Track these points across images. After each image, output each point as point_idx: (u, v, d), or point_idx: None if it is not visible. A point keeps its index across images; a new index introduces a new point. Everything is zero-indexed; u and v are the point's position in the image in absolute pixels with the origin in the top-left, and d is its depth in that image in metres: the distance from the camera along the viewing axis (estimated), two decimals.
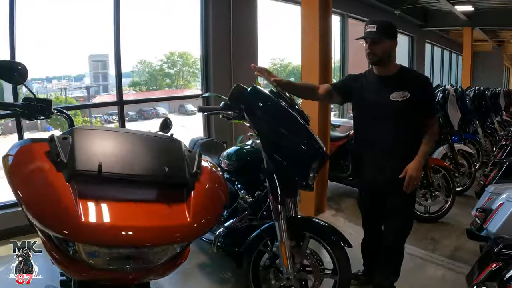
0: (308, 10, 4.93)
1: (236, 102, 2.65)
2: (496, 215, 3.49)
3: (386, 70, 2.83)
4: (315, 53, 4.87)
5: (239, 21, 6.35)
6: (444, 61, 19.18)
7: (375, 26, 2.69)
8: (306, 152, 2.59)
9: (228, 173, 3.17)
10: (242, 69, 6.30)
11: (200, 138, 4.11)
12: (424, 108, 2.80)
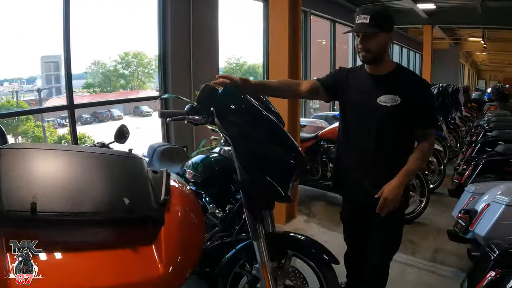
0: (276, 7, 4.75)
1: (206, 104, 2.31)
2: (483, 217, 3.35)
3: (379, 69, 2.42)
4: (284, 51, 4.67)
5: (199, 18, 6.06)
6: (403, 59, 19.57)
7: (368, 17, 2.25)
8: (286, 161, 2.31)
9: (194, 185, 2.77)
10: (202, 68, 6.08)
11: (160, 144, 3.70)
12: (419, 117, 2.38)
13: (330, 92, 2.60)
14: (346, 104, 2.56)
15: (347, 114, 2.54)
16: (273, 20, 4.83)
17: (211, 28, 6.37)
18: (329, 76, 2.63)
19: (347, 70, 2.60)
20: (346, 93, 2.52)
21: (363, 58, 2.37)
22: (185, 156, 3.51)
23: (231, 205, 2.65)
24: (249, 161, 2.23)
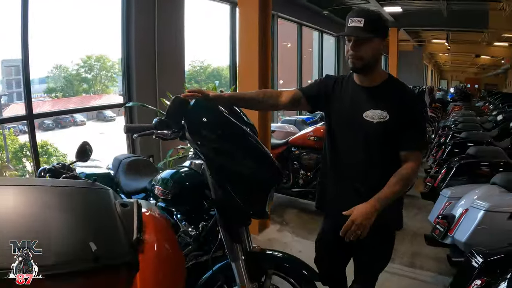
0: (246, 10, 4.66)
1: (176, 118, 2.17)
2: (462, 222, 3.34)
3: (369, 80, 2.19)
4: (254, 55, 4.59)
5: (164, 20, 5.85)
6: None
7: (362, 20, 2.03)
8: (264, 176, 2.19)
9: (164, 202, 2.62)
10: (168, 73, 5.89)
11: (125, 156, 3.48)
12: (406, 137, 2.12)
13: (313, 102, 2.37)
14: (331, 116, 2.32)
15: (332, 127, 2.31)
16: (243, 24, 4.74)
17: (177, 29, 6.17)
18: (313, 85, 2.41)
19: (334, 79, 2.35)
20: (331, 104, 2.29)
21: (353, 65, 2.12)
22: (152, 168, 3.35)
23: (205, 222, 2.50)
24: (224, 178, 2.11)
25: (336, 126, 2.27)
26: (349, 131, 2.20)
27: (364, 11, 2.10)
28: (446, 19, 12.37)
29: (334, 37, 13.60)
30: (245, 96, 2.38)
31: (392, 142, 2.13)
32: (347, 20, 2.10)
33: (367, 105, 2.13)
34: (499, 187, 3.66)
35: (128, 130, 2.42)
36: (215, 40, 12.30)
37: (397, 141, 2.12)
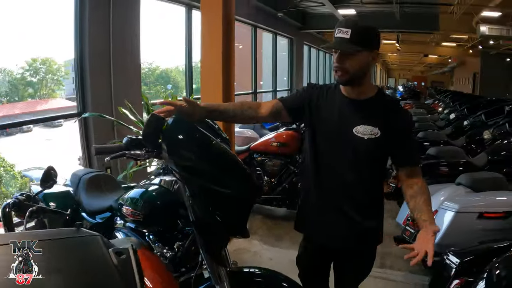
0: (209, 15, 4.63)
1: (154, 139, 2.05)
2: None
3: (358, 93, 2.10)
4: (218, 60, 4.57)
5: (120, 20, 5.53)
6: (319, 62, 20.28)
7: (348, 31, 1.94)
8: (244, 194, 2.11)
9: (135, 223, 2.45)
10: (124, 76, 5.62)
11: (85, 171, 3.26)
12: (404, 153, 2.11)
13: (294, 114, 2.25)
14: (315, 129, 2.20)
15: (317, 141, 2.19)
16: (205, 28, 4.70)
17: (133, 30, 5.87)
18: (294, 96, 2.29)
19: (318, 88, 2.23)
20: (315, 116, 2.18)
21: (338, 78, 2.04)
22: (114, 184, 3.18)
23: (179, 241, 2.37)
24: (204, 198, 2.02)
25: (322, 140, 2.16)
26: (337, 146, 2.11)
27: (352, 21, 1.99)
28: (398, 22, 12.87)
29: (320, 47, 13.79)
30: (221, 108, 2.24)
31: (380, 159, 2.13)
32: (335, 29, 2.01)
33: (357, 120, 2.05)
34: (464, 187, 3.84)
35: (98, 153, 2.24)
36: (163, 41, 12.13)
37: (386, 156, 2.13)
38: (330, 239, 2.20)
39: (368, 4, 12.12)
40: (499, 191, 3.69)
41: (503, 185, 3.81)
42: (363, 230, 2.13)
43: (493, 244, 2.78)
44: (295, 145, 5.49)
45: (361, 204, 2.12)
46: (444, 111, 12.11)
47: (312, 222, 2.26)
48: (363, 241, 2.16)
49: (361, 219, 2.12)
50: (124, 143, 2.11)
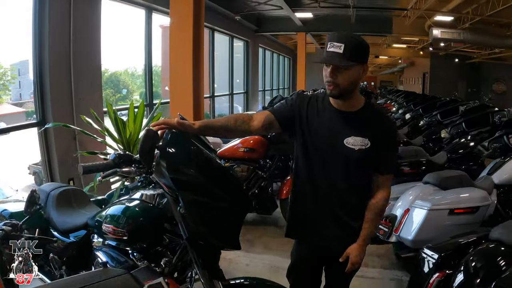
0: (179, 21, 4.75)
1: (150, 155, 2.02)
2: (406, 222, 3.68)
3: (347, 105, 2.19)
4: (188, 66, 4.72)
5: (81, 23, 5.35)
6: (273, 63, 20.59)
7: (341, 46, 1.99)
8: (237, 207, 2.15)
9: (116, 241, 2.32)
10: (84, 83, 5.47)
11: (52, 186, 3.05)
12: (384, 162, 2.23)
13: (285, 125, 2.30)
14: (306, 139, 2.26)
15: (309, 151, 2.26)
16: (175, 34, 4.83)
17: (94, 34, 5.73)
18: (284, 106, 2.33)
19: (307, 98, 2.30)
20: (307, 126, 2.25)
21: (330, 92, 2.10)
22: (85, 198, 3.06)
23: (165, 257, 2.29)
24: (198, 212, 2.00)
25: (314, 150, 2.24)
26: (328, 157, 2.20)
27: (344, 36, 2.03)
28: (353, 25, 13.34)
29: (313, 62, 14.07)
30: (215, 125, 2.27)
31: (367, 168, 2.24)
32: (326, 43, 2.07)
33: (348, 132, 2.15)
34: (432, 186, 4.07)
35: (86, 172, 2.16)
36: (111, 43, 11.98)
37: (374, 165, 2.23)
38: (325, 242, 2.32)
39: (324, 8, 12.50)
40: (465, 188, 3.95)
41: (467, 182, 4.08)
42: (356, 232, 2.27)
43: (467, 238, 2.98)
44: (262, 150, 5.57)
45: (353, 208, 2.25)
46: (399, 111, 12.53)
47: (307, 227, 2.35)
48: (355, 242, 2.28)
49: (354, 222, 2.26)
50: (111, 160, 2.10)
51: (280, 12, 13.05)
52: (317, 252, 2.40)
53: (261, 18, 14.63)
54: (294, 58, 24.00)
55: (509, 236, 2.64)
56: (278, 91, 21.73)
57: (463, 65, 23.82)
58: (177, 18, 4.76)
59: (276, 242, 4.84)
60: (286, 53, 22.91)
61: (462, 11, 11.90)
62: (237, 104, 14.88)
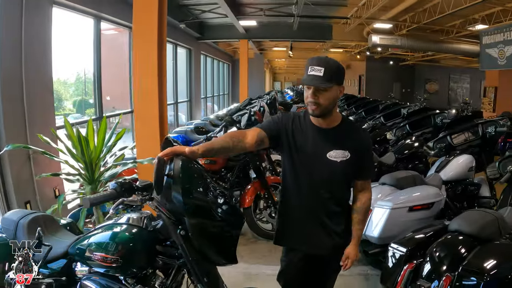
0: (143, 39, 4.92)
1: (162, 182, 2.09)
2: (371, 221, 4.05)
3: (326, 122, 2.47)
4: (153, 81, 4.88)
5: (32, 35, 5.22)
6: (214, 69, 20.84)
7: (322, 70, 2.28)
8: (235, 224, 2.34)
9: (106, 268, 2.27)
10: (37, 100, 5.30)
11: (20, 214, 2.87)
12: (364, 170, 2.58)
13: (274, 141, 2.54)
14: (292, 154, 2.52)
15: (296, 165, 2.52)
16: (138, 47, 5.00)
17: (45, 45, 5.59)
18: (272, 124, 2.56)
19: (291, 118, 2.56)
20: (293, 142, 2.51)
21: (312, 111, 2.38)
22: (56, 225, 2.95)
23: (159, 280, 2.36)
24: (205, 234, 2.14)
25: (300, 164, 2.50)
26: (314, 169, 2.47)
27: (323, 60, 2.32)
28: (295, 32, 13.98)
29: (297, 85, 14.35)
30: (215, 147, 2.40)
31: (351, 176, 2.56)
32: (307, 67, 2.33)
33: (330, 146, 2.44)
34: (389, 186, 4.50)
35: (93, 204, 2.22)
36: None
37: (354, 173, 2.54)
38: (314, 249, 2.61)
39: (269, 16, 13.00)
40: (419, 186, 4.40)
41: (420, 180, 4.55)
42: (341, 236, 2.60)
43: (427, 231, 3.39)
44: (222, 162, 5.73)
45: (336, 215, 2.57)
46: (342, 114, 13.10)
47: (296, 236, 2.62)
48: (340, 245, 2.61)
49: (338, 227, 2.58)
50: (114, 189, 2.16)
51: (223, 20, 13.39)
52: (305, 257, 2.67)
53: (203, 25, 14.86)
54: (233, 64, 24.50)
55: (466, 226, 3.09)
56: (219, 98, 22.02)
57: (398, 67, 25.43)
58: (141, 31, 4.92)
59: (246, 250, 5.04)
60: (225, 59, 23.28)
61: (400, 19, 12.82)
62: (181, 113, 14.84)
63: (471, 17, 11.95)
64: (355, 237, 2.61)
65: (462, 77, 25.42)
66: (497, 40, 10.78)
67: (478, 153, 6.24)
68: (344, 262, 2.59)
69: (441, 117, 8.28)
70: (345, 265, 2.60)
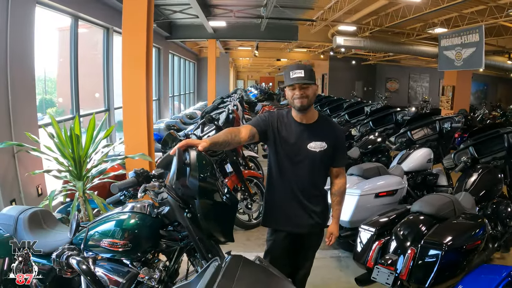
0: (132, 42, 5.22)
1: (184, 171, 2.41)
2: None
3: (306, 118, 2.93)
4: (141, 82, 5.19)
5: (16, 33, 5.25)
6: (181, 68, 20.98)
7: (302, 71, 2.78)
8: (232, 202, 2.60)
9: (113, 253, 2.49)
10: (20, 97, 5.34)
11: (19, 210, 2.98)
12: (339, 158, 3.02)
13: (263, 136, 2.96)
14: (277, 148, 2.95)
15: (281, 157, 2.95)
16: (127, 51, 5.29)
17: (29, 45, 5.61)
18: (261, 121, 2.98)
19: (275, 116, 3.00)
20: (278, 137, 2.94)
21: (301, 104, 2.81)
22: (53, 219, 3.09)
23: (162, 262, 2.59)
24: (212, 215, 2.43)
25: (285, 155, 2.94)
26: (297, 160, 2.92)
27: (301, 65, 2.86)
28: (262, 32, 14.44)
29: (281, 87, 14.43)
30: (219, 140, 2.72)
31: (328, 164, 3.01)
32: (290, 73, 2.82)
33: (310, 138, 2.90)
34: (356, 176, 4.96)
35: (120, 190, 2.48)
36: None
37: (330, 162, 3.00)
38: (298, 228, 3.03)
39: (238, 18, 13.38)
40: (383, 176, 4.90)
41: (384, 171, 5.03)
42: (319, 216, 3.04)
43: (392, 214, 3.87)
44: None
45: (316, 199, 3.02)
46: None
47: (281, 217, 3.04)
48: (319, 223, 3.06)
49: (317, 208, 3.02)
50: (135, 178, 2.48)
51: (192, 20, 13.63)
52: (289, 236, 3.09)
53: (172, 25, 15.06)
54: (198, 63, 24.64)
55: (426, 208, 3.60)
56: (185, 96, 22.15)
57: (360, 66, 26.34)
58: (130, 34, 5.25)
59: None
60: (192, 58, 23.39)
61: (363, 22, 13.48)
62: None
63: (431, 21, 12.74)
64: (335, 217, 3.13)
65: (422, 76, 26.66)
66: (455, 43, 11.51)
67: (436, 146, 6.87)
68: (329, 238, 3.12)
69: (402, 114, 8.83)
70: (330, 241, 3.12)
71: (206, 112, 9.66)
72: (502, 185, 4.77)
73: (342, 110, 11.20)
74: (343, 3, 10.72)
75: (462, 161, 5.02)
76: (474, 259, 3.39)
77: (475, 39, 10.62)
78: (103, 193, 4.81)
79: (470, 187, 4.44)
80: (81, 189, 4.33)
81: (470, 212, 3.85)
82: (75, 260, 1.90)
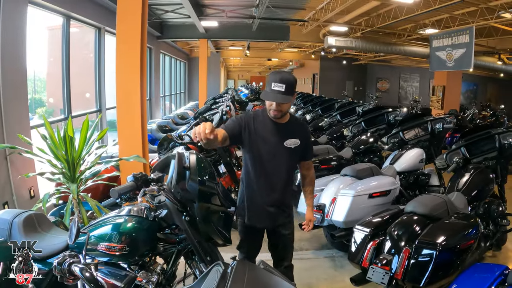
0: (126, 43, 5.21)
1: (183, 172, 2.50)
2: (335, 208, 4.55)
3: (281, 119, 3.07)
4: (136, 84, 5.20)
5: (8, 33, 5.26)
6: (172, 68, 20.94)
7: (283, 86, 2.84)
8: (229, 210, 2.69)
9: (111, 257, 2.48)
10: (12, 98, 5.32)
11: (14, 213, 2.94)
12: (308, 152, 3.29)
13: (234, 139, 3.00)
14: (257, 146, 3.05)
15: (259, 154, 3.07)
16: (121, 53, 5.28)
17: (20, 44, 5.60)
18: (233, 124, 3.04)
19: (252, 116, 3.11)
20: (255, 135, 3.03)
21: (274, 116, 2.99)
22: (47, 222, 3.08)
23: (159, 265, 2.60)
24: (211, 218, 2.50)
25: (265, 154, 3.06)
26: (274, 155, 3.07)
27: (284, 78, 2.88)
28: (254, 32, 14.48)
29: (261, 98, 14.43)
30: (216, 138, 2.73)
31: (300, 158, 3.24)
32: (271, 82, 2.88)
33: (285, 136, 3.08)
34: (350, 177, 5.00)
35: (120, 194, 2.51)
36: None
37: (300, 158, 3.23)
38: (273, 223, 3.22)
39: (230, 18, 13.40)
40: (376, 176, 4.94)
41: (377, 171, 5.08)
42: (289, 207, 3.29)
43: (386, 214, 3.93)
44: None
45: (286, 190, 3.24)
46: (298, 112, 13.75)
47: (255, 211, 3.19)
48: (290, 214, 3.29)
49: (287, 200, 3.26)
50: (133, 182, 2.53)
51: (183, 19, 13.65)
52: (260, 228, 3.29)
53: (164, 24, 15.06)
54: (189, 62, 24.61)
55: (420, 208, 3.66)
56: (176, 96, 22.11)
57: (350, 66, 26.48)
58: (124, 36, 5.23)
59: None
60: (182, 57, 23.37)
61: (355, 22, 13.55)
62: None
63: (422, 22, 12.86)
64: (310, 205, 3.44)
65: (412, 76, 26.83)
66: (446, 44, 11.62)
67: (428, 147, 6.96)
68: (307, 224, 3.40)
69: (394, 115, 8.93)
70: (308, 227, 3.40)
71: (200, 113, 9.69)
72: (494, 185, 4.85)
73: (334, 111, 11.29)
74: (335, 3, 10.79)
75: (454, 162, 5.10)
76: (468, 258, 3.45)
77: (465, 40, 10.73)
78: (97, 195, 4.79)
79: (463, 187, 4.52)
80: (75, 192, 4.24)
81: (463, 212, 3.92)
82: (77, 268, 1.87)
